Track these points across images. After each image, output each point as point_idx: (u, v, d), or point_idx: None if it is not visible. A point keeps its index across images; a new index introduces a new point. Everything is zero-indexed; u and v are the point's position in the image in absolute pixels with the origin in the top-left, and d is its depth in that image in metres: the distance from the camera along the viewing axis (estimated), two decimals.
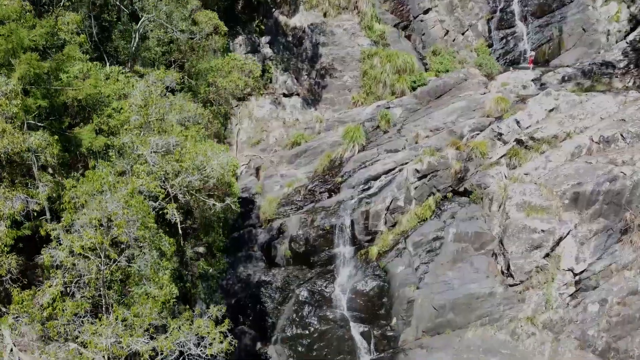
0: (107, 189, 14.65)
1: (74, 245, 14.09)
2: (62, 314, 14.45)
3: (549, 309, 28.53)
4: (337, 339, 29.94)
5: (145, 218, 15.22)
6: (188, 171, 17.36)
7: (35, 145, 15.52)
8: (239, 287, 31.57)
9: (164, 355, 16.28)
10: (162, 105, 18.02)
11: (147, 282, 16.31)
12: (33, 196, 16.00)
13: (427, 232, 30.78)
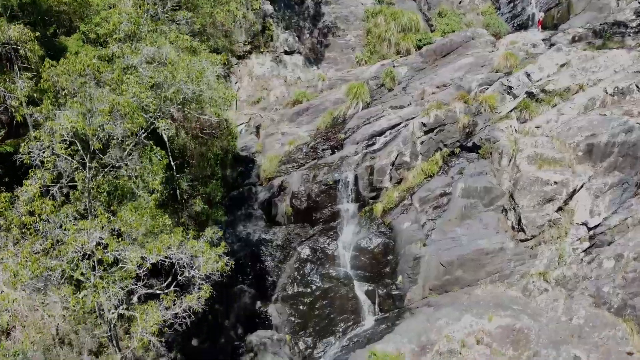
0: (91, 73, 13.47)
1: (54, 131, 12.83)
2: (40, 211, 13.30)
3: (562, 265, 27.27)
4: (340, 298, 28.73)
5: (135, 114, 13.98)
6: (182, 82, 16.09)
7: (15, 38, 14.32)
8: (238, 246, 30.36)
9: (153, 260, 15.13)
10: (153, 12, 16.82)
11: (135, 186, 15.18)
12: (11, 91, 14.80)
13: (434, 187, 29.55)
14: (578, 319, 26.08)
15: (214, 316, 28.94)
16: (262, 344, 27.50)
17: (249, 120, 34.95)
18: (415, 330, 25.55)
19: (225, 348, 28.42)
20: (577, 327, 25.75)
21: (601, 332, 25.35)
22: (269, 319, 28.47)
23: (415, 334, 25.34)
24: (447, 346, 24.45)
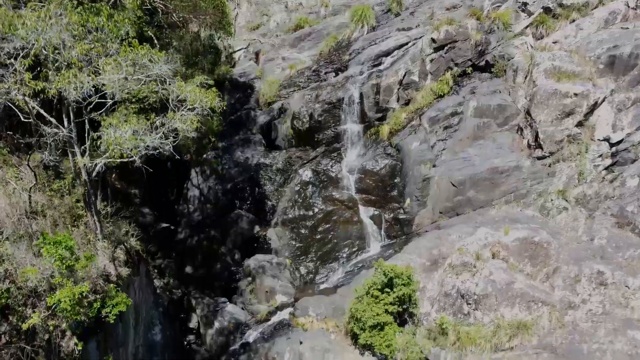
0: None
1: None
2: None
3: (582, 183, 25.46)
4: (344, 222, 26.94)
5: None
6: None
7: None
8: (236, 172, 28.61)
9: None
10: None
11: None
12: None
13: (445, 107, 27.69)
14: (600, 240, 24.23)
15: (209, 242, 27.30)
16: (261, 267, 25.73)
17: (248, 46, 33.19)
18: (426, 246, 23.74)
19: (221, 274, 26.72)
20: (599, 247, 23.91)
21: (625, 252, 23.49)
22: (268, 243, 26.71)
23: (425, 249, 23.53)
24: (460, 259, 22.63)
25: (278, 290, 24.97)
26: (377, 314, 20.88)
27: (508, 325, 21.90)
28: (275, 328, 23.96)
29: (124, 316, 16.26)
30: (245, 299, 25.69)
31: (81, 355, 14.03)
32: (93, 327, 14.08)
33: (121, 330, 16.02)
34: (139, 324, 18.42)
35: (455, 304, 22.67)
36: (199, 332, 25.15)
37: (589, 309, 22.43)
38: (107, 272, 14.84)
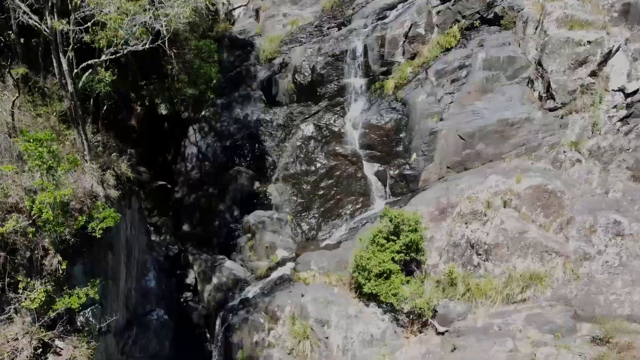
0: None
1: None
2: None
3: (596, 135, 24.35)
4: (348, 178, 25.91)
5: None
6: None
7: None
8: (235, 128, 27.59)
9: None
10: None
11: None
12: None
13: (452, 60, 26.60)
14: (615, 193, 23.17)
15: (207, 200, 26.31)
16: (261, 222, 24.68)
17: (248, 3, 32.17)
18: (434, 196, 22.75)
19: (219, 231, 25.70)
20: (614, 200, 22.83)
21: None
22: (268, 198, 25.68)
23: (434, 198, 22.52)
24: (469, 207, 21.58)
25: (279, 245, 23.93)
26: (383, 261, 19.83)
27: (520, 277, 20.87)
28: (275, 283, 22.94)
29: (115, 248, 15.23)
30: (244, 256, 24.64)
31: (66, 277, 12.99)
32: (79, 246, 13.03)
33: (111, 262, 14.97)
34: (131, 262, 17.40)
35: (464, 254, 21.63)
36: (196, 289, 24.12)
37: (605, 260, 21.37)
38: (95, 193, 13.79)
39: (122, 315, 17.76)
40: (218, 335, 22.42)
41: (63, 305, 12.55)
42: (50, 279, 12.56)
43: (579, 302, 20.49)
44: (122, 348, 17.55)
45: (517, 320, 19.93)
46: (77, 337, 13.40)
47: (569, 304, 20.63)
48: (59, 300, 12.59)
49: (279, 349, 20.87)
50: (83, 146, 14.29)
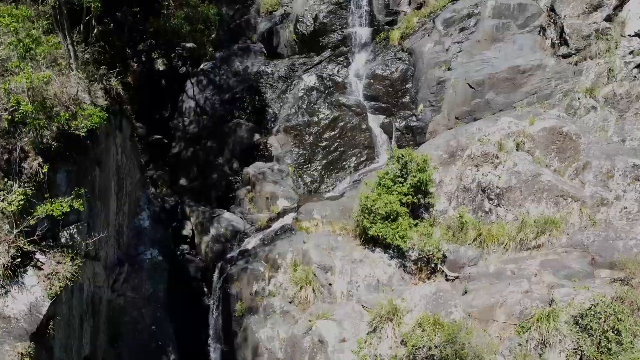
0: None
1: None
2: None
3: (611, 81, 23.25)
4: (352, 129, 24.84)
5: None
6: None
7: None
8: (235, 81, 26.55)
9: None
10: None
11: None
12: None
13: (460, 8, 25.52)
14: (632, 141, 22.16)
15: (205, 154, 25.28)
16: (261, 173, 23.62)
17: None
18: (443, 141, 21.69)
19: (217, 184, 24.69)
20: (631, 149, 21.78)
21: None
22: (268, 150, 24.63)
23: (443, 142, 21.50)
24: (480, 149, 20.49)
25: (280, 195, 22.85)
26: (389, 202, 18.73)
27: (534, 222, 19.74)
28: (276, 233, 21.87)
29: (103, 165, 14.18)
30: (243, 209, 23.58)
31: (48, 184, 11.95)
32: (62, 151, 11.99)
33: (99, 180, 13.92)
34: (122, 194, 16.36)
35: (475, 199, 20.55)
36: (193, 241, 23.05)
37: (623, 206, 20.30)
38: (80, 99, 12.73)
39: (113, 251, 16.75)
40: (216, 287, 21.35)
41: (44, 212, 11.51)
42: (30, 183, 11.52)
43: (596, 248, 19.36)
44: (113, 285, 16.54)
45: (531, 266, 18.82)
46: (61, 253, 12.37)
47: (586, 250, 19.52)
48: (40, 207, 11.55)
49: (279, 297, 19.80)
50: (68, 52, 13.24)
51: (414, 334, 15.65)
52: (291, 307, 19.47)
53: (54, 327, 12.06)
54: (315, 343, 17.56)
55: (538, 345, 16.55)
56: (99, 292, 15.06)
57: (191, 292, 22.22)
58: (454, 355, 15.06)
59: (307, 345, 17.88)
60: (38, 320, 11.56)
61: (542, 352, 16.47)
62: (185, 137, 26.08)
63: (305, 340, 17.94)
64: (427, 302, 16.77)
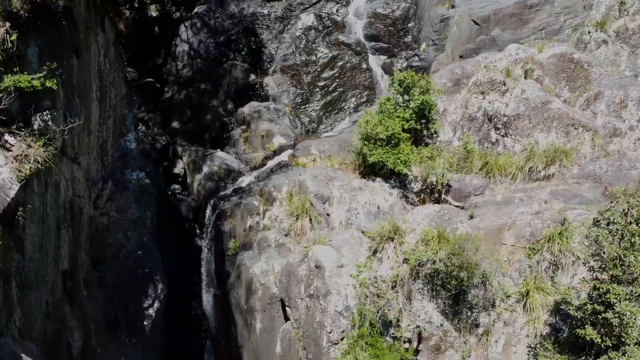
0: None
1: None
2: None
3: (623, 15, 22.24)
4: (352, 69, 23.81)
5: None
6: None
7: None
8: (230, 24, 25.49)
9: None
10: None
11: None
12: None
13: None
14: None
15: (198, 96, 24.37)
16: (257, 111, 22.62)
17: None
18: (447, 70, 20.66)
19: (211, 125, 23.74)
20: None
21: None
22: (264, 90, 23.62)
23: (447, 71, 20.47)
24: (486, 76, 19.45)
25: (276, 132, 21.83)
26: (391, 126, 17.69)
27: (543, 153, 18.71)
28: (272, 170, 20.85)
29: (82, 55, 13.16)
30: (238, 149, 22.57)
31: (18, 57, 10.94)
32: (33, 21, 10.97)
33: (77, 70, 12.88)
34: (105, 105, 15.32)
35: (481, 129, 19.52)
36: (185, 181, 22.03)
37: (637, 137, 19.31)
38: None
39: (96, 167, 15.73)
40: (208, 225, 20.34)
41: (11, 83, 10.49)
42: None
43: (609, 178, 18.33)
44: (96, 201, 15.51)
45: (541, 194, 17.78)
46: (32, 138, 11.36)
47: (598, 181, 18.50)
48: (7, 77, 10.55)
49: (274, 230, 18.75)
50: None
51: (416, 250, 14.62)
52: (287, 239, 18.44)
53: (24, 215, 11.04)
54: (311, 269, 16.52)
55: (550, 267, 15.56)
56: (79, 202, 14.04)
57: (183, 232, 21.25)
58: (460, 268, 14.03)
59: (302, 274, 16.84)
60: (5, 202, 10.54)
61: (553, 275, 15.48)
62: (179, 81, 25.06)
63: (301, 269, 16.90)
64: (430, 220, 15.72)
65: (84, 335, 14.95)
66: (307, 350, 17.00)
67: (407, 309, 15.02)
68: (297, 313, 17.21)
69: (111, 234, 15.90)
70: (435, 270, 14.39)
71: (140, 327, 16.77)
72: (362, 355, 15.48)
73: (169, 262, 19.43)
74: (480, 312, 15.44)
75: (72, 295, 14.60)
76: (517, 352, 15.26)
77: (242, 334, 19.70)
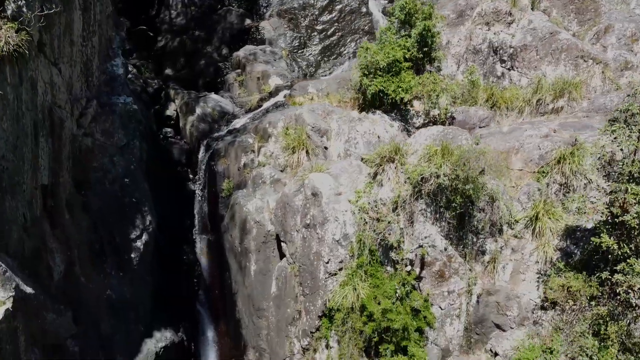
0: None
1: None
2: None
3: None
4: (351, 13, 23.03)
5: None
6: None
7: None
8: None
9: None
10: None
11: None
12: None
13: None
14: None
15: (192, 43, 23.62)
16: (252, 54, 21.77)
17: None
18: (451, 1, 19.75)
19: (205, 71, 23.12)
20: None
21: None
22: (260, 33, 22.79)
23: (451, 3, 19.53)
24: (491, 6, 18.60)
25: (272, 73, 20.97)
26: (391, 53, 16.82)
27: (551, 86, 17.83)
28: (267, 111, 19.97)
29: None
30: (233, 94, 21.72)
31: None
32: None
33: None
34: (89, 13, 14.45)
35: (486, 62, 18.67)
36: (177, 125, 21.19)
37: None
38: None
39: (80, 85, 14.87)
40: (201, 166, 19.50)
41: None
42: None
43: None
44: (79, 119, 14.64)
45: (550, 126, 16.90)
46: (4, 20, 10.52)
47: (609, 114, 17.62)
48: None
49: (270, 167, 17.91)
50: None
51: (419, 167, 13.72)
52: (282, 175, 17.59)
53: None
54: (308, 197, 15.64)
55: (560, 189, 14.68)
56: (60, 113, 13.18)
57: (175, 176, 20.41)
58: (465, 181, 13.15)
59: (299, 204, 15.96)
60: None
61: (564, 199, 14.58)
62: (172, 29, 24.25)
63: (297, 199, 16.02)
64: (433, 140, 14.83)
65: (67, 260, 14.11)
66: (304, 286, 16.13)
67: (409, 233, 14.14)
68: (292, 247, 16.34)
69: (96, 157, 15.05)
70: (438, 186, 13.50)
71: (128, 260, 15.93)
72: (361, 285, 14.61)
73: (161, 206, 18.64)
74: (487, 239, 14.56)
75: (53, 216, 13.76)
76: (525, 280, 14.38)
77: (236, 279, 18.86)
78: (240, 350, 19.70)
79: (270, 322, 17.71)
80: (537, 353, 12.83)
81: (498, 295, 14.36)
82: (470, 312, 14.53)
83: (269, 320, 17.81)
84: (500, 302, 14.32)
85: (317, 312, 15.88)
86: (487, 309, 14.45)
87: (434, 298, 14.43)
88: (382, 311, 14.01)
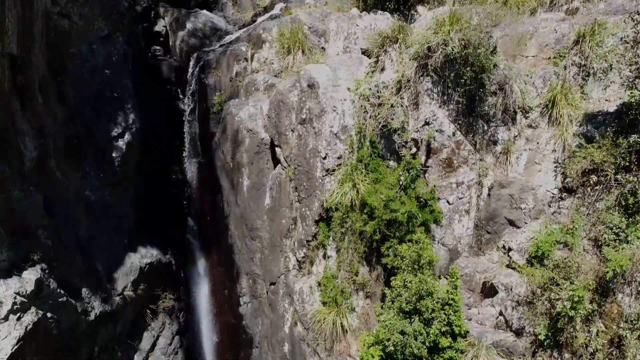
0: None
1: None
2: None
3: None
4: None
5: None
6: None
7: None
8: None
9: None
10: None
11: None
12: None
13: None
14: None
15: None
16: None
17: None
18: None
19: None
20: None
21: None
22: None
23: None
24: None
25: None
26: None
27: None
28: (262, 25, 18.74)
29: None
30: (226, 13, 20.53)
31: None
32: None
33: None
34: None
35: None
36: (167, 44, 19.97)
37: None
38: None
39: None
40: (191, 80, 18.25)
41: None
42: None
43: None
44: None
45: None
46: None
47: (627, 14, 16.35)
48: None
49: (264, 72, 16.71)
50: None
51: (425, 37, 12.45)
52: (276, 80, 16.36)
53: None
54: (303, 90, 14.40)
55: (579, 73, 13.39)
56: None
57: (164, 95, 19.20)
58: (477, 47, 11.89)
59: (294, 100, 14.73)
60: None
61: (583, 83, 13.32)
62: None
63: (292, 94, 14.79)
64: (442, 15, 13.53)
65: (40, 149, 12.90)
66: (299, 190, 14.89)
67: (414, 117, 12.87)
68: (287, 149, 15.11)
69: (73, 43, 13.83)
70: (446, 58, 12.21)
71: (109, 161, 14.72)
72: (361, 179, 13.37)
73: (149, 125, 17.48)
74: (499, 127, 13.29)
75: (24, 97, 12.55)
76: (541, 171, 13.10)
77: (229, 199, 17.66)
78: (232, 280, 18.51)
79: (264, 240, 16.49)
80: (557, 236, 11.55)
81: (512, 188, 13.08)
82: (480, 206, 13.26)
83: (262, 240, 16.59)
84: (514, 195, 13.04)
85: (313, 217, 14.64)
86: (499, 203, 13.17)
87: (441, 191, 13.16)
88: (384, 203, 12.74)
